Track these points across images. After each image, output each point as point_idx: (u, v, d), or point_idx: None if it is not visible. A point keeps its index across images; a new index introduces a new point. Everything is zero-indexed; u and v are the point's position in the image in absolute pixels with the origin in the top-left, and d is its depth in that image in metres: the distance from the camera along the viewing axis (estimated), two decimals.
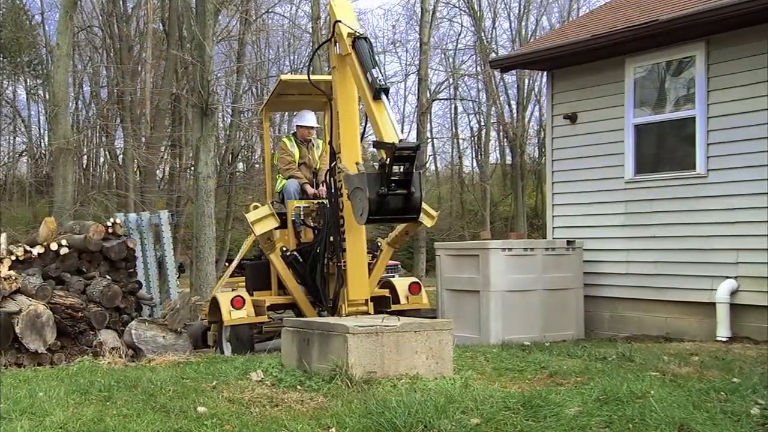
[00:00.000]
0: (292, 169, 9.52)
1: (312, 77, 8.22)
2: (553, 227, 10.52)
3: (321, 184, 9.36)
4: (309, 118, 9.80)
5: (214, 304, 9.11)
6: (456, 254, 9.47)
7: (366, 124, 7.43)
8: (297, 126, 9.93)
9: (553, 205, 10.60)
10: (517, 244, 9.32)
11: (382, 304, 9.16)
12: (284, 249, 8.81)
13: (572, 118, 10.26)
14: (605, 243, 9.81)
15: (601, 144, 9.94)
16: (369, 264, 8.54)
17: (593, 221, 9.98)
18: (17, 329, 8.21)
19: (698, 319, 8.89)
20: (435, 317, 9.88)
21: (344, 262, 7.55)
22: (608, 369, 6.20)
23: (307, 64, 25.99)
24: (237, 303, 8.85)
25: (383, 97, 6.22)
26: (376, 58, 6.55)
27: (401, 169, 5.74)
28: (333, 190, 7.64)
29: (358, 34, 6.64)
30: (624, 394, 4.94)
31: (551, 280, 9.24)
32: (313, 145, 9.80)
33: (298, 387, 5.53)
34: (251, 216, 8.52)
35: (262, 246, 8.75)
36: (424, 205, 8.06)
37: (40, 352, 8.36)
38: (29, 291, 8.65)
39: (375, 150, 7.07)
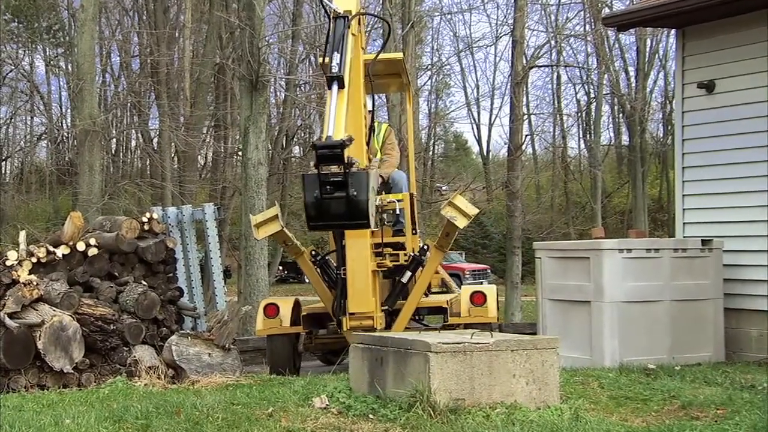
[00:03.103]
0: None
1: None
2: (684, 223, 10.34)
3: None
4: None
5: None
6: (561, 256, 9.41)
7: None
8: None
9: (683, 195, 10.42)
10: (637, 244, 9.21)
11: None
12: (314, 252, 9.52)
13: (709, 87, 10.05)
14: (751, 242, 9.58)
15: (746, 119, 9.71)
16: (414, 269, 9.28)
17: (735, 215, 9.76)
18: (39, 344, 8.47)
19: None
20: (534, 333, 9.86)
21: (344, 270, 8.34)
22: (758, 400, 6.09)
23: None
24: (270, 311, 9.48)
25: (334, 87, 6.61)
26: (345, 41, 6.95)
27: (331, 170, 6.08)
28: None
29: (335, 13, 7.07)
30: None
31: (682, 288, 9.09)
32: (373, 131, 10.16)
33: (371, 416, 5.58)
34: (257, 218, 9.14)
35: (286, 250, 9.40)
36: (459, 202, 8.69)
37: (66, 371, 8.62)
38: (53, 299, 8.92)
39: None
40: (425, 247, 9.47)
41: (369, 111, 10.12)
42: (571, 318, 9.10)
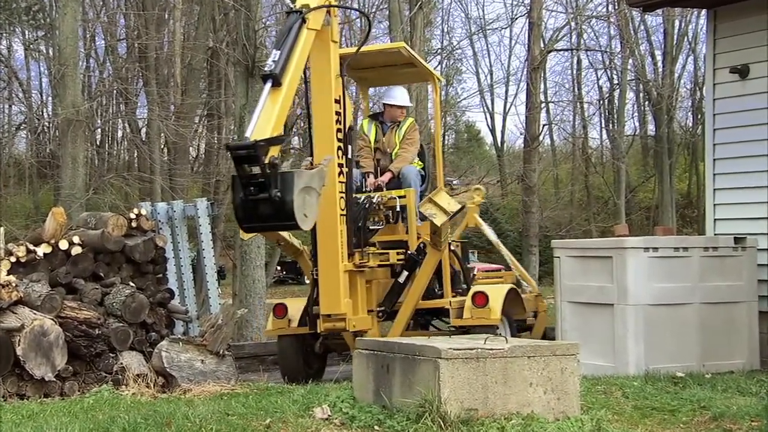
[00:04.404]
0: (360, 157, 10.37)
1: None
2: (715, 219, 10.34)
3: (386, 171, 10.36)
4: (397, 96, 10.67)
5: None
6: (581, 255, 9.43)
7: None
8: (383, 104, 10.76)
9: (714, 189, 10.41)
10: (664, 243, 9.21)
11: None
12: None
13: (742, 71, 10.04)
14: None
15: None
16: (411, 270, 9.58)
17: None
18: (18, 350, 8.49)
19: None
20: (552, 338, 9.89)
21: (316, 270, 8.80)
22: None
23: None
24: (278, 311, 9.94)
25: (267, 85, 6.99)
26: (291, 37, 7.27)
27: (251, 171, 6.49)
28: None
29: (288, 7, 7.47)
30: None
31: (713, 290, 9.10)
32: (397, 123, 10.59)
33: (376, 427, 5.59)
34: None
35: (283, 250, 9.82)
36: (440, 198, 8.94)
37: (47, 379, 8.64)
38: (33, 302, 8.94)
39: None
40: (422, 245, 9.58)
41: (392, 106, 10.53)
42: (592, 322, 9.11)
